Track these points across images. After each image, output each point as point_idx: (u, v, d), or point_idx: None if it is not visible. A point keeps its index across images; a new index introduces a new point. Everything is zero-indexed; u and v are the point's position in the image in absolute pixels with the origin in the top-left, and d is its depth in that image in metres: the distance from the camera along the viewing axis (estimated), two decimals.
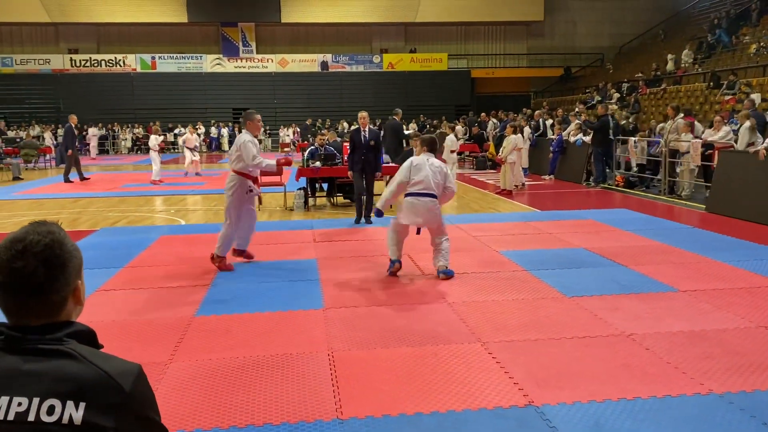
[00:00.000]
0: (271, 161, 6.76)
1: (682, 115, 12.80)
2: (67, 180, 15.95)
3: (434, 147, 6.48)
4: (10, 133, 27.37)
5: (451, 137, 13.65)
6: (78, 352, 1.21)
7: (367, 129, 9.50)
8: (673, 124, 12.48)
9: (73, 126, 16.17)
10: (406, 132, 9.44)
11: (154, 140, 16.05)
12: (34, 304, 1.24)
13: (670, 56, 23.34)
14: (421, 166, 6.18)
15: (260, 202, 6.94)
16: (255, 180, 6.83)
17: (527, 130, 16.66)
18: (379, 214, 6.58)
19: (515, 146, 12.92)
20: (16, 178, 17.27)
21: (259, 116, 6.87)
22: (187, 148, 17.16)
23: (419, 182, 6.12)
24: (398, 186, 6.25)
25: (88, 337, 1.28)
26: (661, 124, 13.87)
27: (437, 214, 6.20)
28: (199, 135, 28.13)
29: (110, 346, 4.52)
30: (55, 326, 1.25)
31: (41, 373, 1.18)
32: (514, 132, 13.35)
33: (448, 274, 6.19)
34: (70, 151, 15.94)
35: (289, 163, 7.20)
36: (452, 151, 13.39)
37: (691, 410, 3.39)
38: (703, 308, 5.14)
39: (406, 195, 6.20)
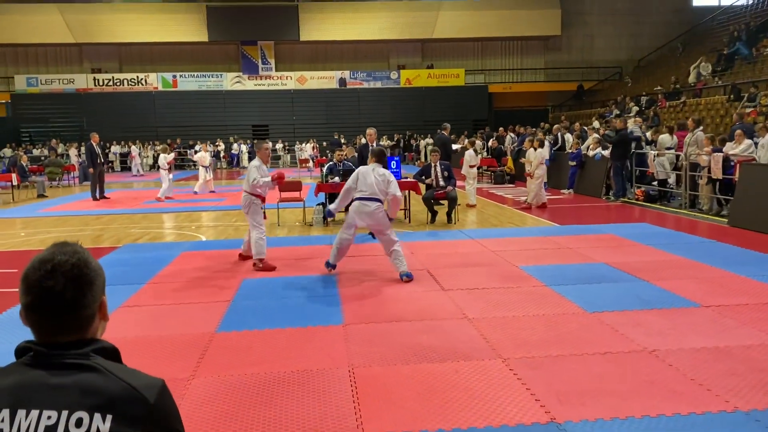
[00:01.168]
0: (267, 179, 7.56)
1: (701, 128, 12.70)
2: (95, 198, 16.17)
3: (383, 158, 7.22)
4: (35, 152, 27.93)
5: (470, 152, 13.66)
6: (103, 367, 1.26)
7: (374, 144, 9.84)
8: (693, 137, 12.37)
9: (95, 144, 16.38)
10: (382, 144, 9.55)
11: (164, 159, 16.32)
12: (65, 322, 1.28)
13: (693, 67, 23.16)
14: (368, 174, 6.90)
15: (264, 217, 7.88)
16: (263, 199, 7.72)
17: (546, 144, 16.63)
18: (330, 214, 7.91)
19: (541, 160, 12.90)
20: (40, 196, 17.58)
21: (266, 145, 8.06)
22: (202, 166, 17.24)
23: (365, 189, 6.85)
24: (346, 191, 7.02)
25: (113, 354, 1.33)
26: (663, 136, 13.88)
27: (381, 217, 6.85)
28: (213, 152, 28.44)
29: (134, 361, 4.59)
30: (82, 342, 1.29)
31: (69, 386, 1.22)
32: (541, 146, 13.35)
33: (409, 277, 6.78)
34: (91, 169, 16.17)
35: (281, 177, 7.96)
36: (471, 166, 13.39)
37: (716, 428, 3.34)
38: (727, 324, 5.07)
39: (354, 199, 6.93)
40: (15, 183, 17.60)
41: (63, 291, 1.26)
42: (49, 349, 1.27)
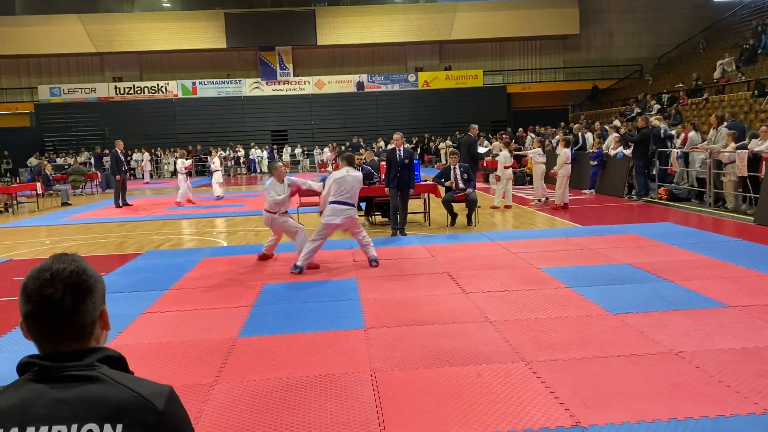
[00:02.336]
0: (282, 196, 8.01)
1: (725, 124, 12.53)
2: (118, 205, 16.39)
3: (353, 162, 8.04)
4: (58, 161, 28.36)
5: (504, 153, 13.51)
6: (109, 376, 1.25)
7: (402, 148, 9.92)
8: (717, 134, 12.22)
9: (119, 152, 16.64)
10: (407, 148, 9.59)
11: (181, 164, 16.87)
12: (66, 330, 1.28)
13: (718, 63, 22.81)
14: (345, 178, 7.70)
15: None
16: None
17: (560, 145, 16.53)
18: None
19: (566, 160, 12.81)
20: (64, 204, 17.84)
21: (279, 164, 8.41)
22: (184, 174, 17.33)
23: (345, 192, 7.69)
24: (326, 199, 7.82)
25: (119, 362, 1.32)
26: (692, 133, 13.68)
27: (355, 217, 7.85)
28: (233, 157, 28.60)
29: (156, 367, 4.63)
30: (86, 352, 1.28)
31: (76, 399, 1.21)
32: (566, 145, 13.27)
33: (377, 262, 7.75)
34: (118, 177, 16.41)
35: (296, 192, 8.44)
36: (506, 167, 13.26)
37: (745, 430, 3.27)
38: (755, 324, 4.98)
39: (331, 202, 7.72)
40: (40, 191, 17.88)
41: (62, 298, 1.27)
42: (53, 362, 1.26)
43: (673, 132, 15.34)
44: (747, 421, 3.37)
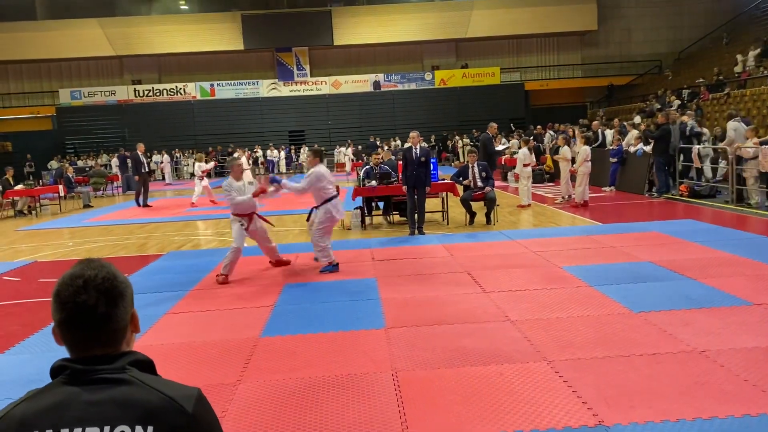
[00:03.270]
0: (242, 197, 7.39)
1: (736, 118, 12.47)
2: (138, 204, 16.69)
3: (322, 157, 8.05)
4: (79, 163, 28.75)
5: (524, 151, 13.44)
6: (139, 379, 1.27)
7: (418, 147, 9.88)
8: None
9: (140, 153, 16.98)
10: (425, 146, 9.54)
11: (198, 167, 17.26)
12: (99, 335, 1.30)
13: (740, 57, 22.50)
14: (326, 173, 7.76)
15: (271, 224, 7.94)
16: (249, 217, 7.60)
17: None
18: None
19: (586, 157, 12.73)
20: (86, 206, 18.07)
21: (238, 162, 7.76)
22: (201, 177, 17.43)
23: (333, 186, 7.84)
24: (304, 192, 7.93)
25: (148, 366, 1.33)
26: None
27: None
28: (252, 159, 28.74)
29: (180, 368, 4.68)
30: (117, 356, 1.31)
31: (107, 401, 1.23)
32: (586, 142, 13.18)
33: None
34: (137, 177, 16.71)
35: (263, 191, 7.64)
36: (525, 165, 13.20)
37: None
38: None
39: (331, 199, 7.71)
40: (62, 194, 18.13)
41: (96, 305, 1.29)
42: (85, 365, 1.28)
43: (703, 130, 15.08)
44: None
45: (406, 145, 10.25)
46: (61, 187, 18.32)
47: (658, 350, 4.43)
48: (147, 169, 17.34)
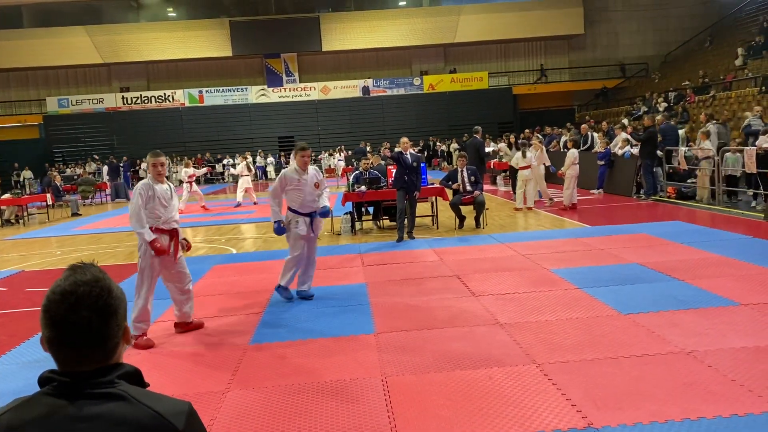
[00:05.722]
0: (142, 234, 5.41)
1: (714, 121, 12.69)
2: None
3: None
4: (68, 171, 28.58)
5: (519, 154, 13.38)
6: (130, 394, 1.23)
7: (408, 153, 9.94)
8: (706, 130, 12.56)
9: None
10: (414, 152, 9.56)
11: (185, 173, 17.48)
12: (91, 353, 1.25)
13: (740, 51, 22.72)
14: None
15: (187, 248, 5.99)
16: (171, 234, 5.62)
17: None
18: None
19: (574, 160, 12.77)
20: (74, 214, 17.95)
21: (156, 160, 5.56)
22: (188, 182, 17.49)
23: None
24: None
25: (136, 377, 1.30)
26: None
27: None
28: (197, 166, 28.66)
29: (169, 375, 4.65)
30: (107, 369, 1.26)
31: (97, 417, 1.19)
32: (575, 146, 13.22)
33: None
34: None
35: (160, 252, 5.46)
36: (521, 168, 13.12)
37: (759, 430, 3.26)
38: (767, 322, 4.95)
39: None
40: (50, 202, 18.01)
41: (88, 325, 1.23)
42: (74, 379, 1.23)
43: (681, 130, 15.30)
44: (761, 420, 3.35)
45: (396, 149, 10.29)
46: (48, 195, 18.20)
47: (647, 352, 4.45)
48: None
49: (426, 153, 29.93)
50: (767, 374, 3.92)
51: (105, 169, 26.95)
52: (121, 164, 29.05)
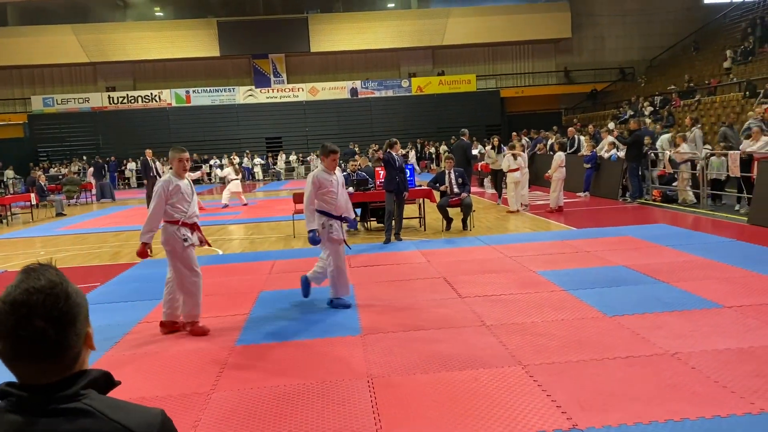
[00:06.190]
0: (147, 234, 5.66)
1: (699, 125, 12.85)
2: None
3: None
4: (52, 171, 28.33)
5: (509, 157, 13.32)
6: (96, 409, 1.12)
7: (396, 154, 10.02)
8: (691, 135, 12.61)
9: (149, 159, 17.64)
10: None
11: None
12: (49, 366, 1.14)
13: (729, 53, 22.97)
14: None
15: (208, 244, 6.09)
16: (191, 227, 5.69)
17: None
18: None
19: (561, 163, 12.83)
20: (59, 214, 17.78)
21: (182, 155, 5.58)
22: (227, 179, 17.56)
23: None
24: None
25: (104, 381, 1.20)
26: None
27: None
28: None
29: (153, 376, 4.61)
30: (70, 380, 1.15)
31: None
32: (561, 149, 13.29)
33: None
34: (146, 181, 17.59)
35: (141, 255, 5.69)
36: (512, 170, 13.09)
37: (741, 430, 3.29)
38: (750, 324, 5.00)
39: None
40: (34, 202, 17.83)
41: (43, 336, 1.11)
42: (34, 393, 1.12)
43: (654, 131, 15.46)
44: (743, 421, 3.38)
45: (374, 152, 10.37)
46: (32, 195, 18.01)
47: (631, 353, 4.48)
48: (156, 173, 17.80)
49: (416, 155, 29.98)
50: (749, 376, 3.96)
51: (90, 170, 26.77)
52: (107, 164, 28.92)
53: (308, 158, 31.36)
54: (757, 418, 3.40)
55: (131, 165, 30.68)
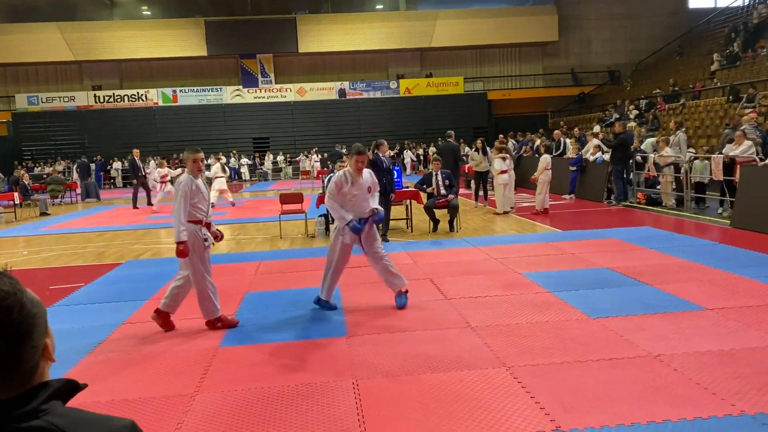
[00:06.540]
0: (178, 233, 5.58)
1: (683, 129, 12.98)
2: (134, 207, 17.51)
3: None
4: (36, 170, 28.05)
5: (498, 159, 13.38)
6: (59, 427, 1.04)
7: (385, 155, 10.02)
8: (675, 138, 12.75)
9: (137, 158, 17.77)
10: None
11: (158, 173, 17.61)
12: (3, 383, 1.06)
13: (716, 56, 23.22)
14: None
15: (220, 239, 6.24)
16: (207, 225, 5.87)
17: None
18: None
19: (546, 165, 12.89)
20: (43, 214, 17.61)
21: (197, 156, 5.74)
22: (161, 182, 17.42)
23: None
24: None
25: (67, 390, 1.12)
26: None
27: None
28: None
29: (137, 378, 4.58)
30: (29, 395, 1.07)
31: None
32: (547, 151, 13.35)
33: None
34: (135, 180, 17.78)
35: (182, 254, 5.60)
36: (503, 172, 13.12)
37: None
38: (732, 326, 5.05)
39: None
40: (17, 202, 17.64)
41: None
42: None
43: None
44: (724, 422, 3.42)
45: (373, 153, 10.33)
46: (16, 194, 17.82)
47: (615, 355, 4.51)
48: (143, 173, 17.82)
49: (402, 158, 30.00)
50: (730, 377, 4.00)
51: (75, 168, 26.54)
52: (93, 163, 28.68)
53: (297, 159, 31.28)
54: (738, 420, 3.43)
55: (117, 164, 30.44)
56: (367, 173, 6.23)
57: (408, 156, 29.29)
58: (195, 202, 5.65)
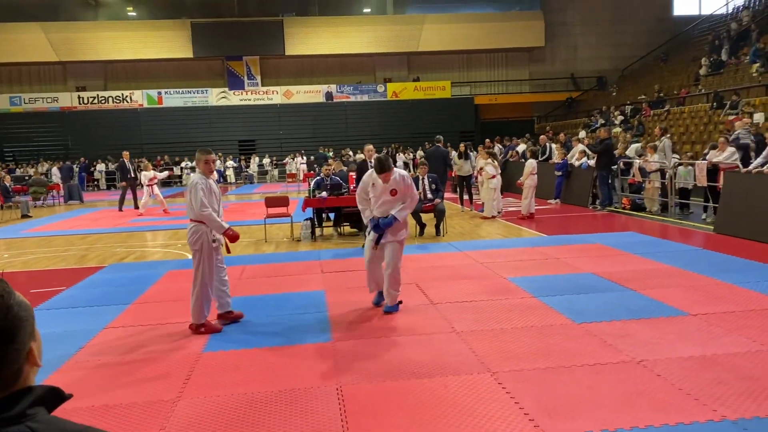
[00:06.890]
0: (219, 223, 5.71)
1: (668, 135, 13.12)
2: (120, 209, 17.36)
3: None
4: (18, 171, 27.73)
5: (488, 162, 13.37)
6: None
7: (371, 160, 9.91)
8: (660, 144, 12.87)
9: (126, 160, 17.53)
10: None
11: (144, 176, 17.37)
12: None
13: (704, 61, 23.48)
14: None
15: (228, 251, 6.29)
16: None
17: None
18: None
19: (532, 170, 12.95)
20: (24, 216, 17.40)
21: (208, 157, 5.79)
22: (148, 185, 17.21)
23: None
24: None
25: (51, 397, 1.12)
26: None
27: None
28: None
29: (118, 384, 4.52)
30: (13, 399, 1.07)
31: None
32: (533, 156, 13.41)
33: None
34: (123, 183, 17.57)
35: (235, 239, 5.86)
36: (492, 176, 13.10)
37: None
38: (714, 332, 5.09)
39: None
40: None
41: None
42: None
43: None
44: (706, 428, 3.44)
45: (359, 157, 10.29)
46: None
47: (599, 361, 4.53)
48: (133, 175, 17.67)
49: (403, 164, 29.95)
50: (712, 383, 4.03)
51: (54, 169, 26.26)
52: (77, 165, 28.43)
53: (284, 162, 31.17)
54: (719, 425, 3.45)
55: (101, 166, 30.18)
56: (398, 175, 6.21)
57: (401, 160, 29.30)
58: (209, 202, 5.75)
